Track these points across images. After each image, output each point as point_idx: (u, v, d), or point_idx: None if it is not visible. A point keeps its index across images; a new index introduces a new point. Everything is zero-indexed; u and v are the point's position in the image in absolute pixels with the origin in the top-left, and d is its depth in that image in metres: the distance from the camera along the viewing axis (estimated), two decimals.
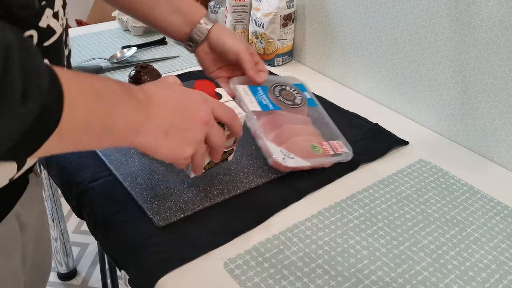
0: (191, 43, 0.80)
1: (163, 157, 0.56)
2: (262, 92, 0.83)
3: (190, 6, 0.79)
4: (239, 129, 0.65)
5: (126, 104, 0.50)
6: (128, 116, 0.50)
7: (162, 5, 0.78)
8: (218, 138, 0.61)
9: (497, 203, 0.79)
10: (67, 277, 1.67)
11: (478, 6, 0.84)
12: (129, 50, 1.21)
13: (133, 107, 0.50)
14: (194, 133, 0.57)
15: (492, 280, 0.65)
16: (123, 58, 1.19)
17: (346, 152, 0.83)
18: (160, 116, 0.54)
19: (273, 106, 0.82)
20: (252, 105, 0.80)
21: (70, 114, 0.42)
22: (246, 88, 0.82)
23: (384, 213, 0.75)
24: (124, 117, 0.49)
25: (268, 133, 0.80)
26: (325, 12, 1.14)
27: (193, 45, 0.81)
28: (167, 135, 0.54)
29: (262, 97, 0.82)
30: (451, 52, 0.91)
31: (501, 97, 0.86)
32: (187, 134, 0.56)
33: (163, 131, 0.54)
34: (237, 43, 0.79)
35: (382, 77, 1.06)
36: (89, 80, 0.46)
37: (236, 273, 0.63)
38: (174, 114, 0.55)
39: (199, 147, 0.58)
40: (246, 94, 0.81)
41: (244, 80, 0.82)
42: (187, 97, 0.58)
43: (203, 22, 0.78)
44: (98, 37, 1.32)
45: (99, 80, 0.48)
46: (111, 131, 0.49)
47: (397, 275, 0.65)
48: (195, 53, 0.83)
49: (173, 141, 0.55)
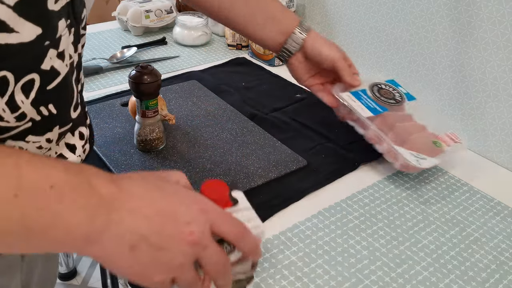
0: (285, 54, 0.80)
1: (123, 274, 0.42)
2: (364, 95, 0.85)
3: (284, 15, 0.78)
4: (250, 249, 0.46)
5: (76, 202, 0.38)
6: (78, 219, 0.38)
7: (258, 15, 0.76)
8: (215, 264, 0.43)
9: (497, 203, 0.79)
10: (67, 277, 1.67)
11: (478, 6, 0.84)
12: (129, 50, 1.21)
13: (90, 207, 0.38)
14: (173, 256, 0.41)
15: (492, 280, 0.65)
16: (123, 58, 1.19)
17: (461, 143, 0.84)
18: (128, 223, 0.40)
19: (380, 108, 0.84)
20: (364, 111, 0.82)
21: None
22: (350, 95, 0.83)
23: (384, 213, 0.75)
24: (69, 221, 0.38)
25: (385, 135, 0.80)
26: (325, 12, 1.14)
27: (287, 55, 0.80)
28: (134, 250, 0.40)
29: (367, 101, 0.84)
30: (451, 52, 0.91)
31: (501, 97, 0.86)
32: (164, 254, 0.41)
33: (129, 244, 0.40)
34: (333, 52, 0.78)
35: (382, 77, 1.06)
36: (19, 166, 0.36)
37: None
38: (149, 224, 0.41)
39: (181, 274, 0.42)
40: (353, 101, 0.83)
41: (342, 87, 0.84)
42: (178, 202, 0.43)
43: (297, 32, 0.77)
44: (98, 37, 1.32)
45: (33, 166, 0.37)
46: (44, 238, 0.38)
47: (397, 275, 0.65)
48: (287, 62, 0.82)
49: (141, 259, 0.41)
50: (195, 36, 1.29)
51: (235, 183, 0.62)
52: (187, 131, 0.91)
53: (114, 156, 0.82)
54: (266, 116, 0.99)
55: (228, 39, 1.30)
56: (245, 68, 1.20)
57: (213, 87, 1.08)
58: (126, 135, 0.88)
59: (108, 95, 1.03)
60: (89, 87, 1.06)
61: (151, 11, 1.33)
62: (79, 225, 0.38)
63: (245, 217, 0.48)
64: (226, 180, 0.78)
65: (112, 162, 0.81)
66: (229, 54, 1.28)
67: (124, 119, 0.93)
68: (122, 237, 0.40)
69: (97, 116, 0.93)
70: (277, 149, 0.87)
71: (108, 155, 0.82)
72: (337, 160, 0.86)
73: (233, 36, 1.29)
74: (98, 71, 1.13)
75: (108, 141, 0.86)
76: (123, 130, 0.90)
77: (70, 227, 0.38)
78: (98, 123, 0.91)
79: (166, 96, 1.02)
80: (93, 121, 0.91)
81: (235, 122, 0.95)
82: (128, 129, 0.90)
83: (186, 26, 1.28)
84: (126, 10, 1.33)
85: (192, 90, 1.06)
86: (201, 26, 1.29)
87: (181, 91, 1.05)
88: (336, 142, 0.91)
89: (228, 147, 0.87)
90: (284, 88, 1.11)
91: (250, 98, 1.06)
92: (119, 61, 1.18)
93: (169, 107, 0.98)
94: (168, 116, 0.89)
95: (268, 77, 1.17)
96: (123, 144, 0.86)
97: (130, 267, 0.41)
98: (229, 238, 0.44)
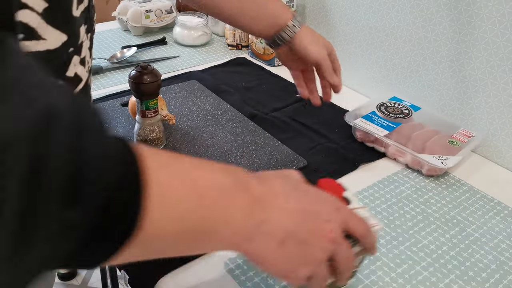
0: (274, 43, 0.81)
1: (271, 270, 0.43)
2: (375, 116, 0.92)
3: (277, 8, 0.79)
4: (371, 245, 0.50)
5: (239, 203, 0.39)
6: (241, 219, 0.39)
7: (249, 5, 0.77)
8: (347, 259, 0.46)
9: (497, 203, 0.79)
10: (67, 277, 1.67)
11: (478, 6, 0.84)
12: (129, 50, 1.21)
13: (247, 206, 0.40)
14: (317, 251, 0.44)
15: (492, 280, 0.65)
16: (123, 58, 1.19)
17: (475, 135, 0.89)
18: (277, 219, 0.42)
19: (393, 124, 0.90)
20: (379, 131, 0.87)
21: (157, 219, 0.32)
22: (363, 120, 0.91)
23: (384, 213, 0.75)
24: (236, 220, 0.39)
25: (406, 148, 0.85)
26: (325, 12, 1.14)
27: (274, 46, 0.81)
28: (282, 245, 0.42)
29: (379, 121, 0.90)
30: (451, 52, 0.91)
31: (501, 97, 0.86)
32: (308, 249, 0.43)
33: (279, 239, 0.42)
34: (319, 50, 0.78)
35: (382, 77, 1.06)
36: (188, 171, 0.36)
37: (236, 273, 0.63)
38: (296, 221, 0.43)
39: (318, 268, 0.45)
40: (367, 124, 0.89)
41: (354, 114, 0.92)
42: (316, 200, 0.46)
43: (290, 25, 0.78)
44: (98, 37, 1.32)
45: (200, 169, 0.38)
46: (214, 238, 0.39)
47: (397, 275, 0.65)
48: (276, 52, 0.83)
49: (289, 254, 0.43)
50: (195, 36, 1.29)
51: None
52: (187, 131, 0.91)
53: None
54: (266, 116, 0.99)
55: (228, 39, 1.30)
56: (245, 68, 1.20)
57: (213, 87, 1.08)
58: (126, 135, 0.88)
59: (108, 95, 1.03)
60: None
61: (151, 11, 1.33)
62: (243, 224, 0.40)
63: (362, 215, 0.51)
64: None
65: None
66: (229, 54, 1.28)
67: (124, 119, 0.93)
68: (273, 233, 0.41)
69: None
70: (277, 149, 0.87)
71: None
72: (337, 160, 0.86)
73: (233, 36, 1.29)
74: (98, 71, 1.13)
75: None
76: (123, 130, 0.89)
77: (237, 227, 0.39)
78: None
79: (166, 96, 1.02)
80: None
81: (235, 122, 0.95)
82: (128, 129, 0.90)
83: (186, 26, 1.28)
84: (126, 10, 1.33)
85: (192, 90, 1.06)
86: (201, 26, 1.29)
87: (181, 91, 1.05)
88: (336, 142, 0.91)
89: (228, 147, 0.87)
90: (284, 88, 1.11)
91: (250, 98, 1.06)
92: (119, 61, 1.17)
93: (169, 107, 0.98)
94: (168, 116, 0.89)
95: (268, 77, 1.17)
96: None
97: (279, 262, 0.43)
98: (358, 234, 0.47)
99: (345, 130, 0.95)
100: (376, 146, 0.89)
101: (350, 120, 0.90)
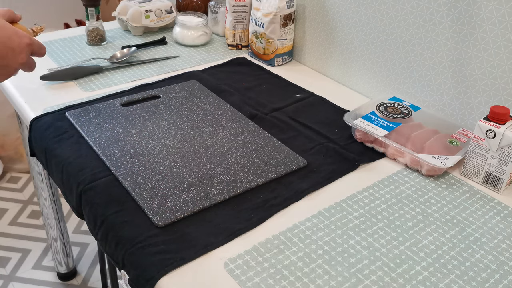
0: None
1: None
2: (375, 117, 0.92)
3: None
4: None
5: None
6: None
7: None
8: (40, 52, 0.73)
9: (497, 203, 0.79)
10: (67, 277, 1.66)
11: (478, 6, 0.84)
12: (129, 50, 1.21)
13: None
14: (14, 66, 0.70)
15: (492, 280, 0.65)
16: (123, 58, 1.19)
17: None
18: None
19: (393, 124, 0.90)
20: (379, 131, 0.87)
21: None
22: (362, 120, 0.91)
23: (384, 213, 0.75)
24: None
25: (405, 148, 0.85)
26: (325, 12, 1.14)
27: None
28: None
29: (378, 121, 0.91)
30: (451, 52, 0.91)
31: (501, 97, 0.86)
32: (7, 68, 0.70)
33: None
34: None
35: (382, 77, 1.06)
36: None
37: (236, 273, 0.63)
38: None
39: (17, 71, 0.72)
40: (366, 124, 0.89)
41: (354, 115, 0.92)
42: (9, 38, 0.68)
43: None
44: None
45: None
46: None
47: (397, 275, 0.65)
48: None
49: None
50: (195, 36, 1.29)
51: None
52: (187, 131, 0.91)
53: (114, 156, 0.82)
54: (266, 116, 0.99)
55: (228, 39, 1.30)
56: (245, 68, 1.20)
57: (213, 87, 1.08)
58: (126, 135, 0.88)
59: (108, 95, 1.03)
60: (89, 87, 1.06)
61: (151, 11, 1.33)
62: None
63: None
64: (227, 180, 0.78)
65: (112, 162, 0.81)
66: (229, 54, 1.28)
67: (124, 119, 0.93)
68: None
69: (97, 116, 0.93)
70: (277, 149, 0.87)
71: (108, 155, 0.82)
72: (337, 160, 0.86)
73: (233, 36, 1.29)
74: (98, 71, 1.13)
75: (108, 141, 0.86)
76: (123, 130, 0.90)
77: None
78: (98, 123, 0.91)
79: (166, 96, 1.02)
80: (93, 121, 0.91)
81: (235, 122, 0.95)
82: (128, 129, 0.90)
83: (186, 26, 1.28)
84: (126, 10, 1.33)
85: (192, 90, 1.06)
86: (201, 26, 1.29)
87: (181, 91, 1.05)
88: (336, 142, 0.91)
89: (228, 147, 0.87)
90: (284, 88, 1.11)
91: (250, 98, 1.06)
92: (119, 61, 1.17)
93: (169, 107, 0.98)
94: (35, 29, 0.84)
95: (268, 77, 1.17)
96: (123, 144, 0.86)
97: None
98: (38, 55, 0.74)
99: (345, 130, 0.95)
100: (375, 146, 0.90)
101: (349, 121, 0.90)
